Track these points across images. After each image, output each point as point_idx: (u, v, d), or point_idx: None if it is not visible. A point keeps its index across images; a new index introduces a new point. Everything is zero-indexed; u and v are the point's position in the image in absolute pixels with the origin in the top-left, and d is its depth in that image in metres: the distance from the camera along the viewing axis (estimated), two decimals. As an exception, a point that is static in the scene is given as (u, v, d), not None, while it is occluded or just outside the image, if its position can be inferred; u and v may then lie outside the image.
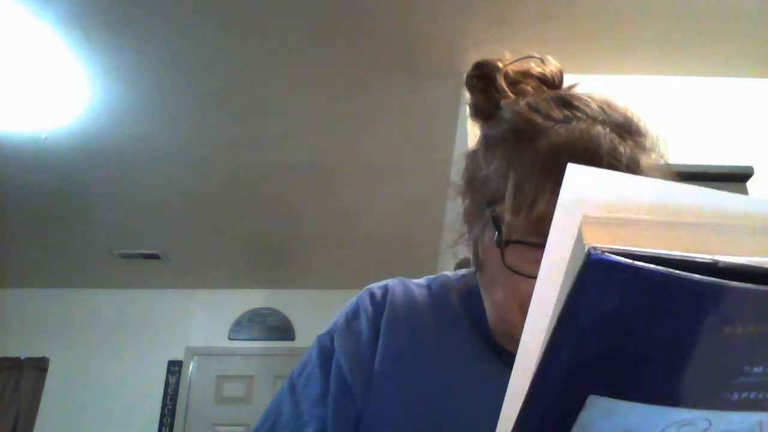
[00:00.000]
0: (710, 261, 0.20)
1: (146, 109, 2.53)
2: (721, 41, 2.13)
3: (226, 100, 2.50)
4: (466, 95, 0.65)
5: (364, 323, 0.61)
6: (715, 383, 0.22)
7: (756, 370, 0.21)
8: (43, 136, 2.68)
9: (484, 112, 0.60)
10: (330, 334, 0.62)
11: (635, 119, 0.54)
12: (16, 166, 2.93)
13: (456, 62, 2.19)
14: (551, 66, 0.62)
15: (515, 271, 0.49)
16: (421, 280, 0.67)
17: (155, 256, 4.03)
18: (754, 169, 1.65)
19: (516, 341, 0.51)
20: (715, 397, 0.22)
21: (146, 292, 4.57)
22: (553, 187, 0.47)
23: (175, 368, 4.34)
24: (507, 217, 0.50)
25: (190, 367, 4.34)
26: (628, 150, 0.49)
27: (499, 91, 0.59)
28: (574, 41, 2.12)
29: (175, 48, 2.20)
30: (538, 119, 0.53)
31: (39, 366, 4.28)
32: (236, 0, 1.98)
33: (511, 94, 0.59)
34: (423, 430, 0.54)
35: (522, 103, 0.56)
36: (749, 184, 1.82)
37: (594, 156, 0.48)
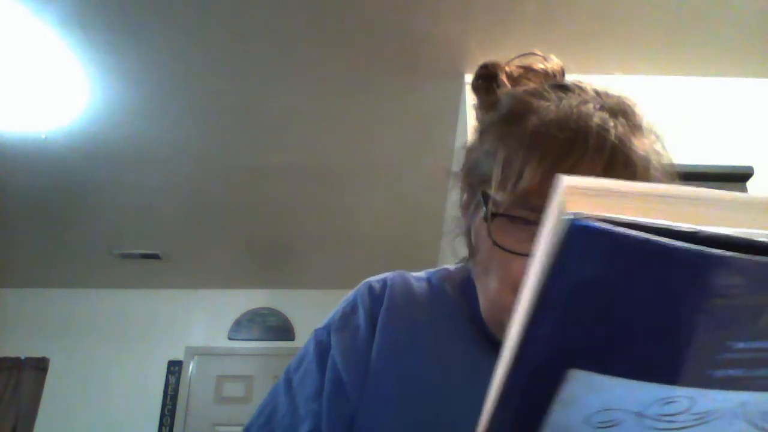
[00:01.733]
0: (691, 230, 0.20)
1: (146, 109, 2.53)
2: (722, 41, 2.12)
3: (227, 100, 2.50)
4: (468, 97, 0.65)
5: (361, 318, 0.60)
6: (697, 358, 0.22)
7: (739, 345, 0.21)
8: (43, 136, 2.68)
9: (486, 109, 0.60)
10: (327, 329, 0.61)
11: (630, 104, 0.54)
12: (16, 166, 2.93)
13: (456, 62, 2.19)
14: (553, 63, 0.62)
15: (503, 248, 0.48)
16: (421, 273, 0.67)
17: (155, 256, 4.03)
18: (754, 169, 1.65)
19: (506, 329, 0.50)
20: (698, 374, 0.22)
21: (146, 292, 4.57)
22: (540, 159, 0.47)
23: (175, 368, 4.34)
24: (493, 195, 0.49)
25: (190, 367, 4.34)
26: (619, 127, 0.48)
27: (500, 86, 0.60)
28: (574, 41, 2.12)
29: (175, 48, 2.20)
30: (531, 99, 0.53)
31: (39, 366, 4.28)
32: (236, 1, 1.98)
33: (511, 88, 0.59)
34: (418, 427, 0.53)
35: (519, 89, 0.56)
36: (749, 184, 1.82)
37: (582, 130, 0.47)
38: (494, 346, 0.56)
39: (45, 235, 3.71)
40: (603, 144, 0.47)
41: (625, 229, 0.19)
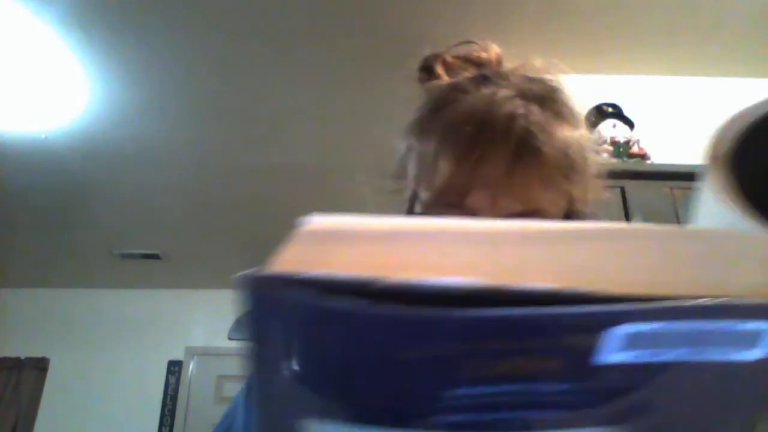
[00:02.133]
0: (368, 281, 0.18)
1: (146, 109, 2.53)
2: (721, 41, 2.13)
3: (227, 100, 2.50)
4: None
5: None
6: (420, 404, 0.20)
7: (459, 391, 0.20)
8: (43, 136, 2.68)
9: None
10: None
11: (557, 91, 0.50)
12: (16, 166, 2.93)
13: (456, 62, 2.19)
14: (491, 51, 0.59)
15: None
16: None
17: (155, 256, 4.03)
18: (754, 169, 1.65)
19: None
20: (428, 420, 0.21)
21: (146, 292, 4.57)
22: (450, 153, 0.46)
23: (175, 368, 4.34)
24: (414, 192, 0.48)
25: (190, 367, 4.34)
26: (532, 116, 0.46)
27: (437, 77, 0.58)
28: (574, 41, 2.12)
29: (176, 48, 2.20)
30: (450, 93, 0.51)
31: (39, 366, 4.28)
32: (236, 1, 1.98)
33: (447, 78, 0.56)
34: None
35: (444, 83, 0.54)
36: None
37: (489, 120, 0.45)
38: None
39: (45, 235, 3.71)
40: (510, 133, 0.45)
41: (300, 288, 0.19)
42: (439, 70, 0.58)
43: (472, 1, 1.97)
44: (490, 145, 0.44)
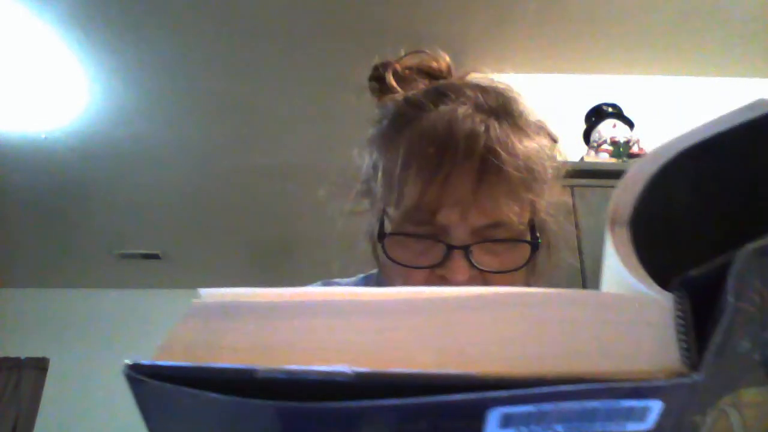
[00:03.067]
0: (248, 370, 0.19)
1: (146, 109, 2.53)
2: (721, 41, 2.13)
3: (226, 100, 2.50)
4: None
5: None
6: None
7: None
8: (43, 136, 2.68)
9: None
10: None
11: (512, 102, 0.52)
12: (16, 166, 2.93)
13: (456, 62, 2.19)
14: (440, 59, 0.61)
15: (398, 263, 0.49)
16: (350, 280, 0.67)
17: (155, 256, 4.03)
18: (754, 169, 1.65)
19: None
20: None
21: (146, 292, 4.57)
22: (416, 174, 0.47)
23: (175, 368, 4.33)
24: (383, 211, 0.50)
25: (190, 367, 4.34)
26: (494, 131, 0.47)
27: (390, 88, 0.59)
28: (574, 41, 2.12)
29: (175, 48, 2.20)
30: (408, 110, 0.52)
31: (39, 366, 4.28)
32: (236, 1, 1.98)
33: (400, 90, 0.57)
34: None
35: (400, 97, 0.55)
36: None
37: (451, 139, 0.47)
38: None
39: (45, 235, 3.71)
40: (472, 153, 0.46)
41: (160, 381, 0.20)
42: (391, 80, 0.59)
43: (472, 1, 1.97)
44: (454, 165, 0.46)
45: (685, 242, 0.25)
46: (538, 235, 0.50)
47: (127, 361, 0.20)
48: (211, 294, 0.23)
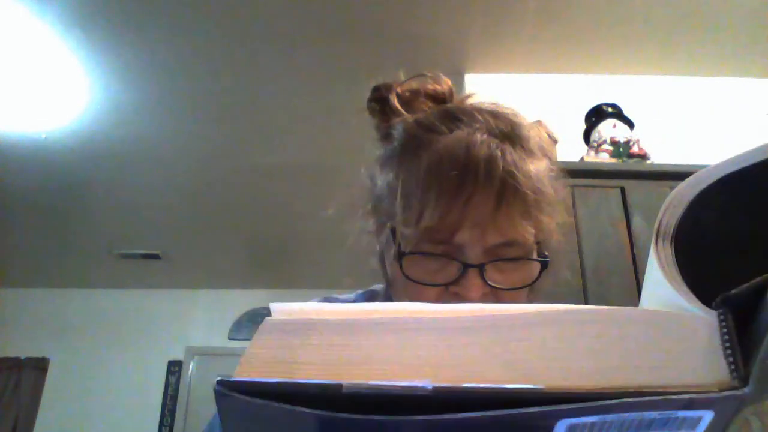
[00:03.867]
0: (334, 385, 0.21)
1: (146, 109, 2.53)
2: (721, 41, 2.13)
3: (226, 100, 2.50)
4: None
5: None
6: None
7: None
8: (43, 136, 2.68)
9: (383, 133, 0.62)
10: None
11: (521, 127, 0.55)
12: (16, 166, 2.93)
13: (456, 62, 2.19)
14: (442, 83, 0.63)
15: (414, 280, 0.51)
16: (350, 296, 0.69)
17: (155, 256, 4.03)
18: (754, 169, 1.65)
19: None
20: None
21: (146, 292, 4.57)
22: (436, 196, 0.49)
23: (175, 368, 4.34)
24: (400, 231, 0.52)
25: (190, 367, 4.34)
26: (509, 156, 0.50)
27: (393, 111, 0.60)
28: (573, 41, 2.11)
29: (175, 48, 2.20)
30: (422, 133, 0.54)
31: (39, 366, 4.28)
32: (236, 1, 1.98)
33: (404, 113, 0.60)
34: None
35: (410, 119, 0.58)
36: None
37: (472, 164, 0.49)
38: None
39: (45, 235, 3.71)
40: (492, 176, 0.49)
41: (249, 398, 0.21)
42: (396, 103, 0.61)
43: (472, 1, 1.97)
44: (475, 187, 0.49)
45: (724, 259, 0.27)
46: (546, 253, 0.53)
47: (218, 377, 0.21)
48: (283, 310, 0.24)
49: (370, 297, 0.67)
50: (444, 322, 0.23)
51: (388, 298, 0.62)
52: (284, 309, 0.24)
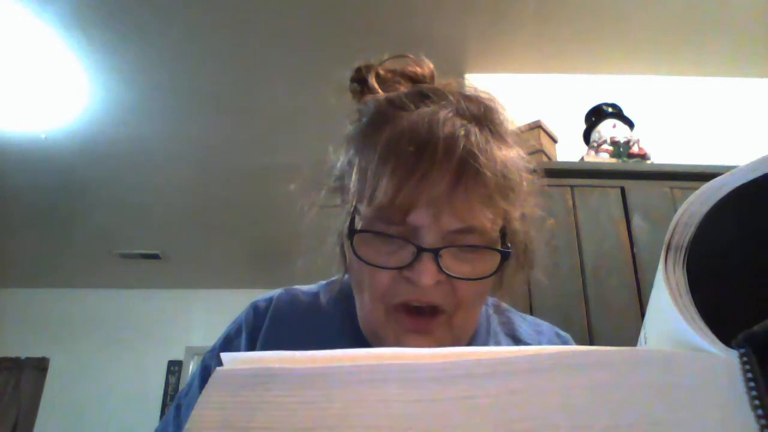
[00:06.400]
0: None
1: (146, 109, 2.53)
2: (721, 41, 2.12)
3: (226, 100, 2.50)
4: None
5: (243, 340, 0.59)
6: None
7: None
8: (43, 136, 2.68)
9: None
10: (212, 352, 0.60)
11: (494, 111, 0.52)
12: (16, 166, 2.93)
13: (456, 62, 2.19)
14: (423, 65, 0.61)
15: (365, 261, 0.48)
16: (313, 286, 0.66)
17: (155, 256, 4.03)
18: (754, 169, 1.64)
19: (382, 340, 0.51)
20: None
21: (146, 292, 4.57)
22: (391, 172, 0.46)
23: (175, 368, 4.34)
24: (356, 208, 0.49)
25: (190, 367, 4.34)
26: (473, 136, 0.47)
27: (370, 89, 0.59)
28: (573, 41, 2.11)
29: (175, 48, 2.20)
30: (389, 109, 0.52)
31: (39, 366, 4.28)
32: (236, 1, 1.98)
33: (380, 91, 0.57)
34: None
35: (381, 97, 0.55)
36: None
37: (432, 141, 0.46)
38: None
39: (45, 235, 3.71)
40: (451, 155, 0.46)
41: None
42: (373, 82, 0.58)
43: (472, 1, 1.97)
44: (432, 164, 0.45)
45: (740, 281, 0.24)
46: (509, 244, 0.50)
47: None
48: (236, 359, 0.20)
49: (330, 288, 0.64)
50: (425, 371, 0.19)
51: (346, 285, 0.60)
52: (239, 357, 0.20)
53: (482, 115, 0.50)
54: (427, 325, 0.49)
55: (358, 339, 0.56)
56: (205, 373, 0.58)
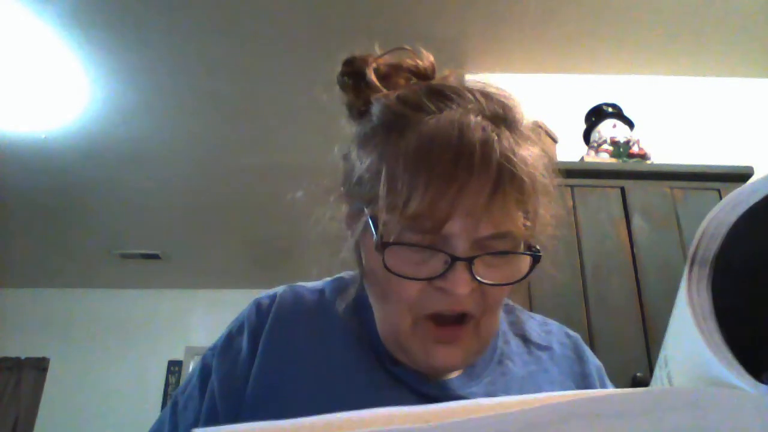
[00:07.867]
0: None
1: (146, 109, 2.53)
2: (721, 41, 2.13)
3: (226, 101, 2.50)
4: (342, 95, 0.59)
5: (245, 339, 0.57)
6: None
7: None
8: (43, 136, 2.68)
9: (357, 110, 0.57)
10: (213, 350, 0.59)
11: (514, 109, 0.50)
12: (16, 166, 2.93)
13: (456, 62, 2.19)
14: (423, 58, 0.58)
15: (396, 274, 0.46)
16: (318, 284, 0.64)
17: (155, 256, 4.03)
18: (754, 169, 1.65)
19: (408, 351, 0.50)
20: None
21: (146, 292, 4.57)
22: (426, 181, 0.44)
23: (175, 368, 4.34)
24: (383, 217, 0.46)
25: (190, 367, 4.34)
26: (504, 141, 0.46)
27: (370, 86, 0.56)
28: (573, 41, 2.11)
29: (175, 48, 2.20)
30: (408, 111, 0.49)
31: (39, 366, 4.28)
32: (236, 1, 1.98)
33: (382, 89, 0.55)
34: None
35: (392, 96, 0.52)
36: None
37: (467, 148, 0.44)
38: (381, 361, 0.54)
39: (45, 235, 3.71)
40: (488, 162, 0.44)
41: None
42: (373, 78, 0.56)
43: (472, 1, 1.97)
44: (470, 174, 0.44)
45: (762, 287, 0.23)
46: (538, 247, 0.48)
47: None
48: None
49: (339, 286, 0.61)
50: None
51: (361, 288, 0.58)
52: (222, 430, 0.18)
53: (505, 115, 0.49)
54: (456, 333, 0.49)
55: (370, 345, 0.55)
56: (204, 372, 0.57)
